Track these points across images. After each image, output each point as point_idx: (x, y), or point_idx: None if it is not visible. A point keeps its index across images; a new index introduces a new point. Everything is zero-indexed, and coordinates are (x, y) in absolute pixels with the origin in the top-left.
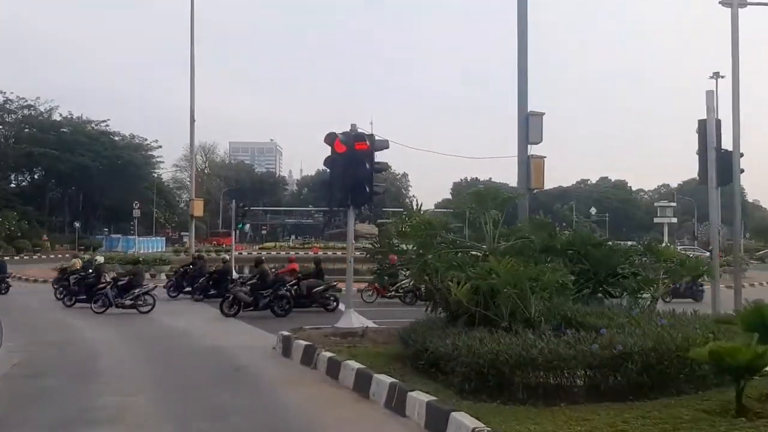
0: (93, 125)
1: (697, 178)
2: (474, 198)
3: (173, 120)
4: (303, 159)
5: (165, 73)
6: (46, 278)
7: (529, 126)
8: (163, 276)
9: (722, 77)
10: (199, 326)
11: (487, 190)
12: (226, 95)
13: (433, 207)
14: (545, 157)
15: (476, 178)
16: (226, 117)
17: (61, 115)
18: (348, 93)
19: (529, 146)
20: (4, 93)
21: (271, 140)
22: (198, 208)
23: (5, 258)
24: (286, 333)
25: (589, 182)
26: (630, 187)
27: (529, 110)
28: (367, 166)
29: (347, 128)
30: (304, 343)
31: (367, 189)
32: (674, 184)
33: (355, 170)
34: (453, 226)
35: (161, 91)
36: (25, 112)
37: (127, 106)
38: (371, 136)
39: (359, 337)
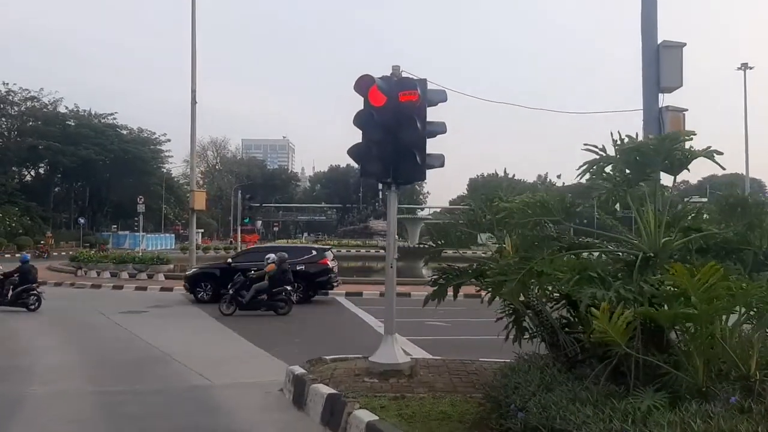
0: (100, 119)
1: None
2: (634, 154)
3: (186, 114)
4: (315, 156)
5: (179, 67)
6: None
7: (661, 64)
8: (161, 276)
9: (751, 68)
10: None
11: (661, 140)
12: (239, 93)
13: (448, 204)
14: (686, 109)
15: (494, 173)
16: (239, 114)
17: (66, 107)
18: None
19: (660, 95)
20: (7, 84)
21: (284, 137)
22: (199, 201)
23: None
24: (298, 371)
25: None
26: None
27: (660, 40)
28: (418, 125)
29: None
30: (325, 390)
31: (418, 159)
32: (693, 181)
33: (400, 131)
34: (581, 208)
35: (173, 86)
36: (29, 104)
37: (137, 101)
38: (423, 81)
39: (407, 379)
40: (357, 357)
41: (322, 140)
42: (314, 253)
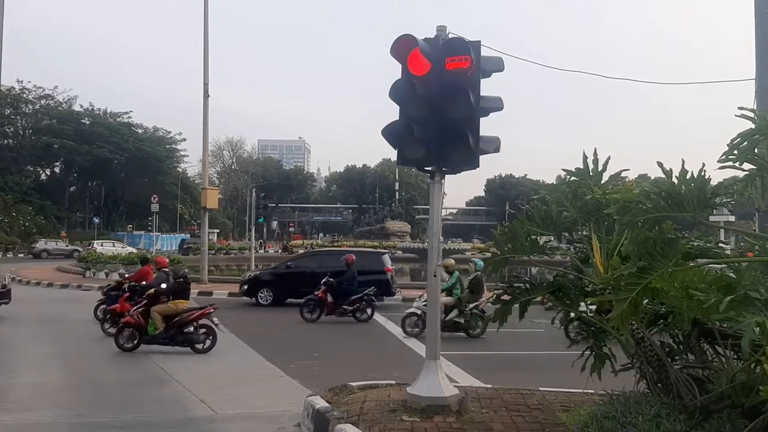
0: (115, 117)
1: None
2: None
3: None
4: (331, 156)
5: (195, 67)
6: (43, 279)
7: None
8: None
9: None
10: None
11: None
12: (255, 95)
13: (464, 205)
14: None
15: (511, 174)
16: (255, 115)
17: (81, 106)
18: (377, 89)
19: None
20: (21, 82)
21: (300, 138)
22: (211, 199)
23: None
24: (320, 404)
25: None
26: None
27: None
28: (471, 98)
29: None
30: None
31: (471, 141)
32: (713, 181)
33: (447, 107)
34: (721, 200)
35: (190, 86)
36: (43, 102)
37: (153, 101)
38: (476, 44)
39: (455, 416)
40: (389, 384)
41: (338, 140)
42: None
